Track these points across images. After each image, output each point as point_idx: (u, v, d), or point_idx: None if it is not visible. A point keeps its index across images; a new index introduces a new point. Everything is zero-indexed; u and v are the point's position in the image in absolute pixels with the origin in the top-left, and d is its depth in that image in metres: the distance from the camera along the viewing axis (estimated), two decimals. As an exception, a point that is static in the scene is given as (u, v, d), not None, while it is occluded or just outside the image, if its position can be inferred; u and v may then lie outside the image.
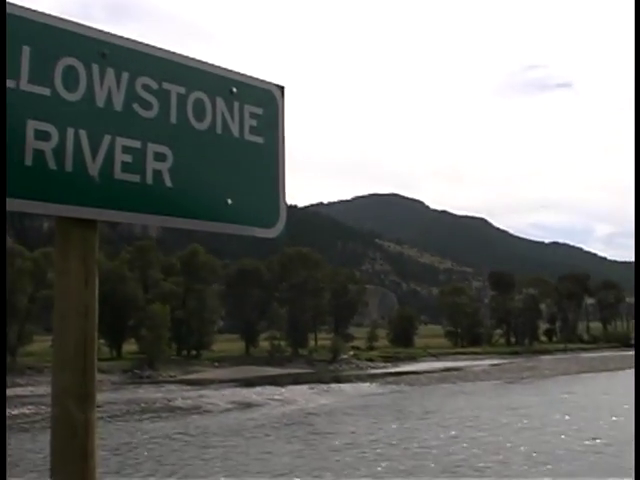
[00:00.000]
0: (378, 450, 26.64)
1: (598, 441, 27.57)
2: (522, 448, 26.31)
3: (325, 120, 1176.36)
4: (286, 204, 2.66)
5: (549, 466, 22.99)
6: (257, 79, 2.60)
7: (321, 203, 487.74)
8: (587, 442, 27.71)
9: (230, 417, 37.28)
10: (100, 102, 2.18)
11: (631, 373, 71.34)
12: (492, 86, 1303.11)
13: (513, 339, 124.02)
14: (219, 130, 2.46)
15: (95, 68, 2.17)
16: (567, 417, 35.21)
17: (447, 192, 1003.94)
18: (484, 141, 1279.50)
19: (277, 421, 35.78)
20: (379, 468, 23.19)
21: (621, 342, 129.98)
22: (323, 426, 34.31)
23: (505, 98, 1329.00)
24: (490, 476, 22.05)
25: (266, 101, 2.60)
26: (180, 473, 23.19)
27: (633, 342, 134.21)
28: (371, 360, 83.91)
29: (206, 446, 28.06)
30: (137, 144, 2.25)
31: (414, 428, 32.54)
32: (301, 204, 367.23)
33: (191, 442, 29.06)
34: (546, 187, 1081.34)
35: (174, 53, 2.42)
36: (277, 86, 2.65)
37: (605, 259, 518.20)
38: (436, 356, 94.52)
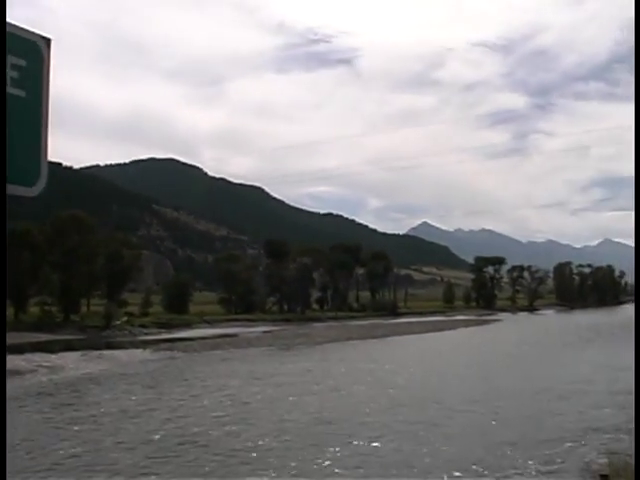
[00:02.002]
0: (115, 423, 26.43)
1: (320, 415, 27.93)
2: (248, 423, 26.34)
3: (102, 80, 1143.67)
4: (53, 162, 2.52)
5: (250, 443, 22.94)
6: (21, 28, 2.41)
7: (97, 165, 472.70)
8: (311, 414, 28.15)
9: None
10: None
11: (397, 340, 74.84)
12: (272, 56, 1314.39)
13: (286, 307, 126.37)
14: (-23, 80, 2.28)
15: None
16: (316, 386, 36.18)
17: (226, 159, 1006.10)
18: (263, 110, 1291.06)
19: (35, 390, 34.64)
20: (107, 443, 22.83)
21: (387, 310, 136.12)
22: (78, 395, 33.62)
23: (286, 70, 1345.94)
24: (174, 451, 21.83)
25: (30, 53, 2.42)
26: None
27: (400, 310, 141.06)
28: (145, 326, 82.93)
29: None
30: None
31: (161, 398, 32.53)
32: (77, 165, 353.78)
33: None
34: (322, 159, 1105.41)
35: None
36: (43, 37, 2.47)
37: (376, 231, 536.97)
38: (210, 323, 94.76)
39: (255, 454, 21.33)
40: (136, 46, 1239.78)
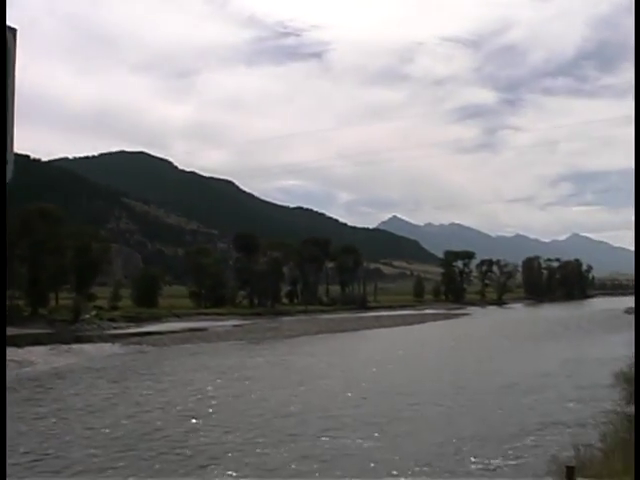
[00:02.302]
0: (79, 419, 26.28)
1: (286, 409, 27.70)
2: (213, 418, 26.12)
3: (72, 72, 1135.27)
4: (21, 154, 2.50)
5: (213, 439, 22.72)
6: (-13, 19, 2.37)
7: (66, 158, 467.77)
8: (277, 409, 27.81)
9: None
10: None
11: (366, 334, 75.00)
12: (243, 49, 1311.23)
13: (256, 300, 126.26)
14: (-58, 71, 2.25)
15: None
16: (283, 380, 36.12)
17: (196, 153, 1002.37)
18: (234, 103, 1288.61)
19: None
20: (69, 440, 22.58)
21: (357, 304, 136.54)
22: (44, 390, 33.50)
23: (256, 63, 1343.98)
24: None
25: (-4, 43, 2.38)
26: None
27: (369, 304, 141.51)
28: (114, 320, 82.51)
29: None
30: None
31: (126, 392, 32.45)
32: (45, 158, 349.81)
33: None
34: (292, 153, 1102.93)
35: None
36: (8, 28, 2.44)
37: (346, 225, 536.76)
38: (180, 316, 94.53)
39: (218, 450, 21.12)
40: (106, 38, 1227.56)
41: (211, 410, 27.66)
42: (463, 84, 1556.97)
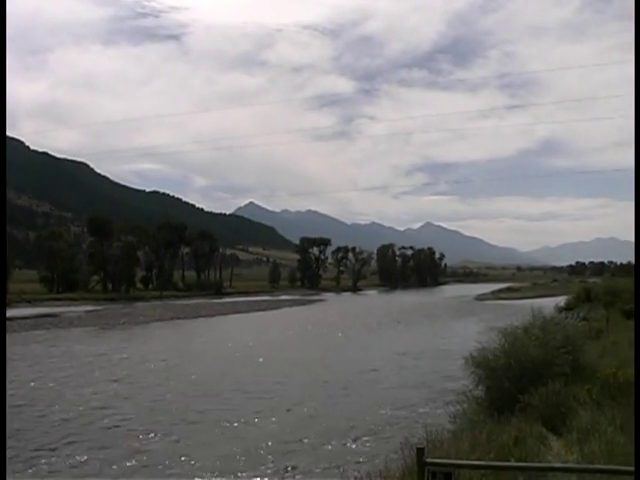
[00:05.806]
0: None
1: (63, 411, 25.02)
2: None
3: None
4: None
5: None
6: None
7: None
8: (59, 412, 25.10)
9: None
10: None
11: (218, 319, 75.18)
12: (99, 28, 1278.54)
13: (110, 286, 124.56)
14: None
15: None
16: (125, 370, 34.82)
17: (49, 133, 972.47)
18: (88, 83, 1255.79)
19: None
20: None
21: (213, 290, 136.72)
22: None
23: (113, 42, 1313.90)
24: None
25: None
26: None
27: (225, 290, 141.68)
28: (-40, 306, 79.91)
29: None
30: None
31: None
32: None
33: None
34: (148, 136, 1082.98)
35: None
36: None
37: (202, 210, 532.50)
38: (31, 302, 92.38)
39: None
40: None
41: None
42: (321, 72, 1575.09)
